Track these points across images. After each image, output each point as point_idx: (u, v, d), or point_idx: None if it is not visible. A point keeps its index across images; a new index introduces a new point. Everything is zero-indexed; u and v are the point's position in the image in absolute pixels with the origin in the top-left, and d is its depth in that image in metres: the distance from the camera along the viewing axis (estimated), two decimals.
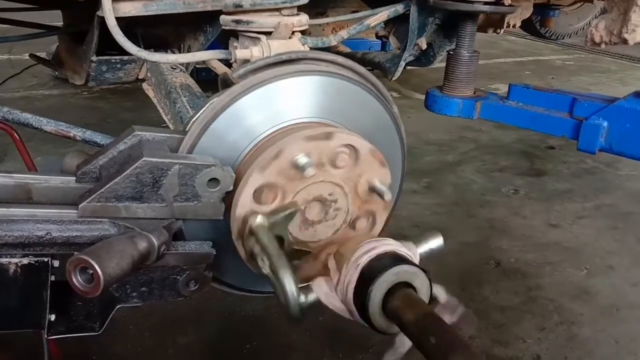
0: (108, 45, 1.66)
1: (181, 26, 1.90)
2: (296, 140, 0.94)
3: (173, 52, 1.96)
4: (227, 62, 1.55)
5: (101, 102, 4.60)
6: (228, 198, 0.98)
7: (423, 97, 2.15)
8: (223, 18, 1.37)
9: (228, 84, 1.07)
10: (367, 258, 0.87)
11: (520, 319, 2.26)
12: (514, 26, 2.81)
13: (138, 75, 1.93)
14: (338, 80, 1.05)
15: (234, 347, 2.03)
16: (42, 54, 3.37)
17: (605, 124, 1.54)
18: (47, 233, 0.87)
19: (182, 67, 1.77)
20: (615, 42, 1.42)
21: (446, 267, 2.57)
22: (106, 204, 0.90)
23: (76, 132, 1.31)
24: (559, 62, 7.04)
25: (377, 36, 3.16)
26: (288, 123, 1.03)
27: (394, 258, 0.87)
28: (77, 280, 0.79)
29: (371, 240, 0.92)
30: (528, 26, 4.08)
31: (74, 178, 0.99)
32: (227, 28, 1.37)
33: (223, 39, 1.66)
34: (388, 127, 1.16)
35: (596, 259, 2.71)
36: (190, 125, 1.02)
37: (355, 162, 1.00)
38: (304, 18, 1.33)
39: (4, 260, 0.87)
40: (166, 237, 0.90)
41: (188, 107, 1.51)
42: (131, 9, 1.44)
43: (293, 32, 1.32)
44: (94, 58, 1.75)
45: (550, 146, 4.13)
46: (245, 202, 0.94)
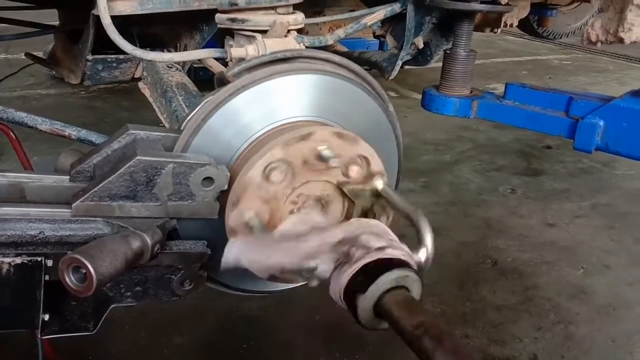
0: (104, 44, 1.66)
1: (177, 25, 1.90)
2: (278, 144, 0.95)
3: (169, 51, 1.95)
4: (224, 61, 1.55)
5: (98, 102, 4.59)
6: (223, 197, 0.98)
7: (420, 97, 2.15)
8: (218, 16, 1.36)
9: (224, 83, 1.07)
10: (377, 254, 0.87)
11: (517, 318, 2.26)
12: (511, 25, 2.81)
13: (134, 74, 1.92)
14: (333, 78, 1.05)
15: (231, 347, 2.02)
16: (39, 54, 3.36)
17: (601, 123, 1.54)
18: (40, 232, 0.86)
19: (178, 66, 1.77)
20: (611, 41, 1.41)
21: (443, 267, 2.57)
22: (100, 203, 0.90)
23: (71, 131, 1.31)
24: (557, 62, 7.05)
25: (375, 35, 3.15)
26: (283, 122, 1.03)
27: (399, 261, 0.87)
28: (70, 279, 0.78)
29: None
30: (525, 26, 4.07)
31: (68, 177, 0.98)
32: (223, 26, 1.36)
33: (220, 38, 1.66)
34: (383, 126, 1.16)
35: (593, 259, 2.71)
36: (184, 124, 1.02)
37: None
38: (300, 16, 1.33)
39: None
40: (160, 237, 0.90)
41: (184, 106, 1.50)
42: (126, 8, 1.44)
43: (289, 31, 1.31)
44: (90, 57, 1.74)
45: (547, 146, 4.13)
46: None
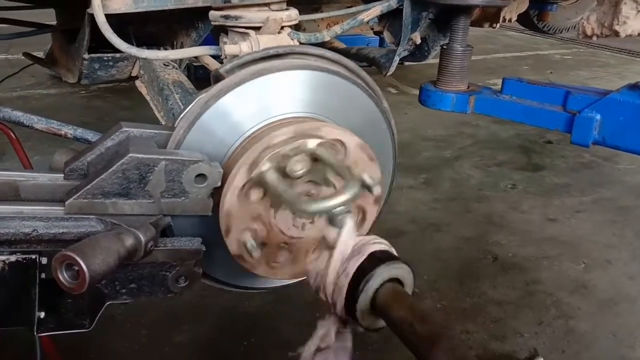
0: (102, 43, 1.66)
1: (173, 23, 1.90)
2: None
3: (166, 49, 1.95)
4: (222, 59, 1.55)
5: (98, 101, 4.61)
6: (217, 194, 0.98)
7: None
8: (212, 14, 1.36)
9: (219, 80, 1.07)
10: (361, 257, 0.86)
11: (517, 314, 2.26)
12: (510, 20, 2.80)
13: (131, 72, 1.93)
14: (326, 74, 1.04)
15: (231, 344, 2.03)
16: (40, 54, 3.36)
17: (598, 117, 1.53)
18: (34, 230, 0.86)
19: (175, 64, 1.77)
20: (606, 35, 1.41)
21: (444, 262, 2.58)
22: (93, 201, 0.90)
23: (67, 130, 1.31)
24: (558, 57, 7.03)
25: (375, 32, 3.14)
26: (276, 118, 1.03)
27: (386, 256, 0.87)
28: (63, 276, 0.79)
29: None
30: (526, 20, 4.05)
31: (62, 175, 0.98)
32: (217, 24, 1.36)
33: (217, 35, 1.66)
34: (378, 122, 1.16)
35: (594, 253, 2.70)
36: (178, 121, 1.02)
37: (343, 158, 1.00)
38: (294, 13, 1.33)
39: None
40: (153, 234, 0.90)
41: (180, 104, 1.50)
42: (121, 6, 1.44)
43: (282, 27, 1.31)
44: (86, 56, 1.75)
45: (548, 141, 4.12)
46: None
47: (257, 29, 1.30)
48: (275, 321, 2.13)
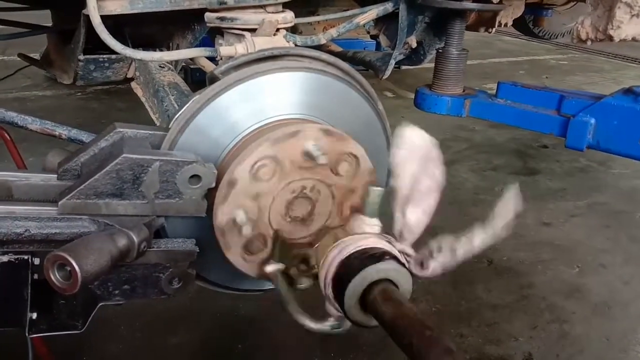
0: (98, 44, 1.66)
1: (169, 25, 1.90)
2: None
3: (161, 51, 1.95)
4: (217, 61, 1.55)
5: (95, 103, 4.60)
6: (211, 195, 0.98)
7: None
8: (208, 15, 1.37)
9: (215, 81, 1.07)
10: (351, 250, 0.86)
11: (512, 318, 2.26)
12: (506, 25, 2.81)
13: (127, 74, 1.93)
14: (321, 76, 1.05)
15: (226, 347, 2.02)
16: (35, 55, 3.36)
17: (592, 121, 1.54)
18: (26, 230, 0.86)
19: (170, 66, 1.77)
20: (600, 39, 1.42)
21: None
22: (86, 201, 0.90)
23: (61, 131, 1.31)
24: (553, 62, 7.06)
25: (371, 36, 3.15)
26: (271, 119, 1.03)
27: (376, 255, 0.87)
28: (55, 277, 0.78)
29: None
30: (521, 25, 4.07)
31: (55, 175, 0.98)
32: (212, 25, 1.36)
33: (214, 37, 1.66)
34: (373, 124, 1.16)
35: (588, 257, 2.71)
36: (172, 122, 1.02)
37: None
38: (289, 15, 1.33)
39: None
40: (146, 234, 0.89)
41: (175, 106, 1.50)
42: (117, 7, 1.44)
43: (278, 29, 1.32)
44: (82, 57, 1.74)
45: (543, 145, 4.13)
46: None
47: (253, 31, 1.30)
48: (269, 324, 2.13)
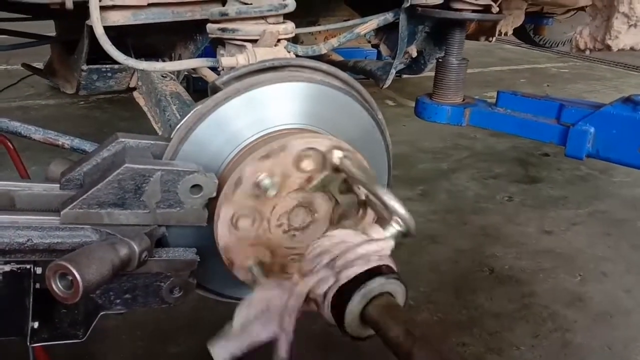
0: (101, 54, 1.68)
1: (172, 35, 1.92)
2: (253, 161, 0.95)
3: (164, 61, 1.97)
4: (219, 71, 1.56)
5: (97, 112, 4.62)
6: (212, 205, 0.99)
7: None
8: (210, 26, 1.38)
9: (216, 91, 1.08)
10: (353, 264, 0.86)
11: (513, 326, 2.25)
12: (506, 34, 2.83)
13: (129, 84, 1.94)
14: (321, 86, 1.06)
15: None
16: (39, 65, 3.39)
17: (592, 130, 1.54)
18: (29, 240, 0.87)
19: (173, 76, 1.79)
20: (599, 49, 1.43)
21: (440, 274, 2.57)
22: (88, 211, 0.91)
23: (64, 140, 1.32)
24: (554, 70, 7.07)
25: (372, 45, 3.17)
26: (272, 129, 1.04)
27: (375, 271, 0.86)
28: (57, 286, 0.79)
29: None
30: (522, 34, 4.09)
31: (58, 185, 0.99)
32: (214, 36, 1.38)
33: (216, 47, 1.67)
34: (373, 133, 1.17)
35: (590, 266, 2.70)
36: (174, 132, 1.03)
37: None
38: (290, 26, 1.34)
39: None
40: (148, 244, 0.90)
41: (177, 115, 1.52)
42: (120, 18, 1.46)
43: (279, 40, 1.33)
44: (85, 67, 1.76)
45: (544, 153, 4.14)
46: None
47: (254, 42, 1.32)
48: None
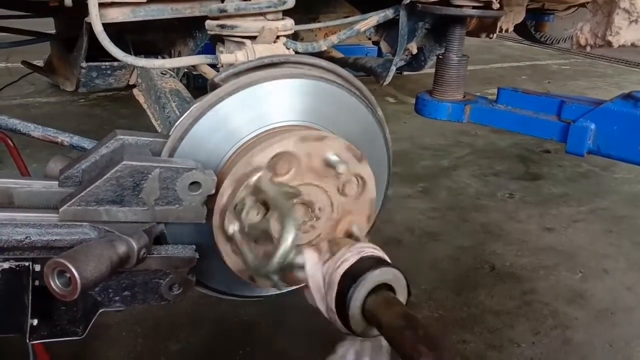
0: (101, 51, 1.67)
1: (171, 32, 1.91)
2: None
3: (163, 58, 1.96)
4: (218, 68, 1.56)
5: (98, 110, 4.62)
6: (210, 201, 0.98)
7: None
8: (208, 23, 1.38)
9: (215, 88, 1.08)
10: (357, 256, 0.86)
11: (514, 323, 2.25)
12: (507, 31, 2.82)
13: (129, 81, 1.94)
14: (320, 83, 1.05)
15: (227, 353, 2.02)
16: (39, 62, 3.38)
17: (592, 127, 1.54)
18: (27, 237, 0.86)
19: (172, 73, 1.78)
20: (600, 45, 1.42)
21: (441, 271, 2.57)
22: (87, 208, 0.90)
23: (64, 138, 1.31)
24: (556, 67, 7.06)
25: (372, 42, 3.16)
26: (271, 126, 1.03)
27: (377, 260, 0.87)
28: (55, 283, 0.79)
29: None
30: (523, 31, 4.09)
31: (57, 182, 0.99)
32: (213, 33, 1.37)
33: (215, 44, 1.67)
34: (373, 130, 1.16)
35: (591, 263, 2.70)
36: (173, 129, 1.03)
37: None
38: (289, 22, 1.34)
39: None
40: (146, 241, 0.90)
41: (177, 112, 1.51)
42: (119, 15, 1.45)
43: (278, 37, 1.32)
44: (84, 64, 1.76)
45: (545, 150, 4.13)
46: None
47: (253, 38, 1.31)
48: (271, 330, 2.13)
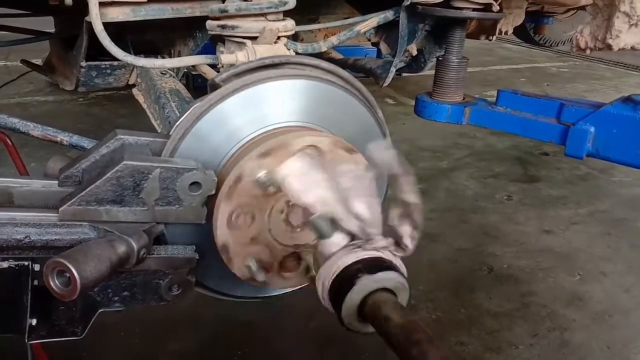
0: (100, 51, 1.67)
1: (171, 32, 1.91)
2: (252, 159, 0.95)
3: (163, 58, 1.96)
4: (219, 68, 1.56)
5: (97, 109, 4.61)
6: (211, 202, 0.98)
7: None
8: (209, 23, 1.38)
9: (215, 89, 1.08)
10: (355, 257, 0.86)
11: (512, 325, 2.25)
12: (506, 33, 2.82)
13: (128, 81, 1.94)
14: (320, 84, 1.05)
15: (225, 354, 2.02)
16: (38, 61, 3.38)
17: (592, 129, 1.54)
18: (26, 236, 0.86)
19: (172, 73, 1.78)
20: (599, 48, 1.42)
21: (439, 273, 2.57)
22: (87, 208, 0.90)
23: (63, 137, 1.31)
24: (554, 69, 7.07)
25: (372, 43, 3.17)
26: (271, 127, 1.03)
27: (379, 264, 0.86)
28: (54, 283, 0.79)
29: None
30: (522, 33, 4.10)
31: (57, 182, 0.98)
32: (213, 33, 1.37)
33: (216, 44, 1.67)
34: (372, 131, 1.16)
35: (589, 265, 2.70)
36: (173, 129, 1.03)
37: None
38: (290, 23, 1.34)
39: None
40: (146, 241, 0.90)
41: (177, 112, 1.51)
42: (119, 14, 1.45)
43: (279, 37, 1.32)
44: (84, 63, 1.76)
45: (544, 152, 4.14)
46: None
47: (254, 39, 1.31)
48: (270, 331, 2.12)
